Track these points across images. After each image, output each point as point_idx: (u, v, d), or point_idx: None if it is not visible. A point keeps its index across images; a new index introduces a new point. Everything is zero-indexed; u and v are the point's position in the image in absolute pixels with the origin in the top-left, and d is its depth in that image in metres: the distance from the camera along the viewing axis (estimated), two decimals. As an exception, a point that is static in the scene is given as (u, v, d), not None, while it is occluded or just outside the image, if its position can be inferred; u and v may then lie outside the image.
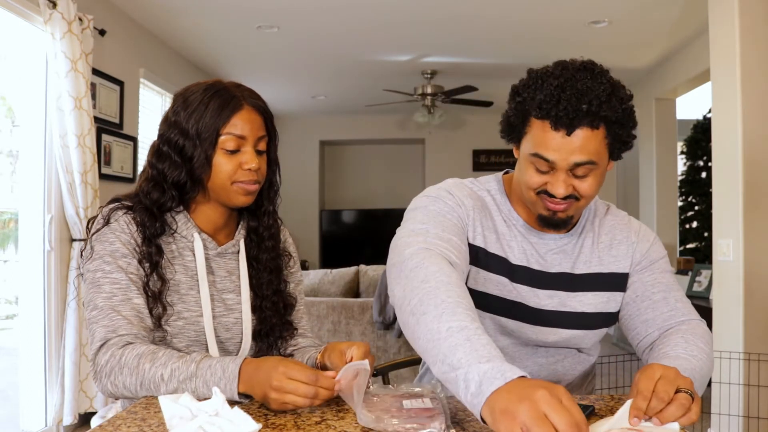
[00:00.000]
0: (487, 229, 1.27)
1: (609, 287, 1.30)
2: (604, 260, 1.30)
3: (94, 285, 1.15)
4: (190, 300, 1.21)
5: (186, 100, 1.22)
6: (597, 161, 1.15)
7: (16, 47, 3.36)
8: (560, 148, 1.14)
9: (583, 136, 1.13)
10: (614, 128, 1.16)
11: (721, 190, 3.19)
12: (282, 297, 1.34)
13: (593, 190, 1.19)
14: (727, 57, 3.10)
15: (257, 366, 1.01)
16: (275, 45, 4.90)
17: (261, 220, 1.32)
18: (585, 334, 1.30)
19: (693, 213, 6.66)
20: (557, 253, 1.29)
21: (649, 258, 1.32)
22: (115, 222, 1.19)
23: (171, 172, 1.21)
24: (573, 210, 1.21)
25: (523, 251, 1.28)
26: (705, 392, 1.25)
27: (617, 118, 1.15)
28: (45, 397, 3.33)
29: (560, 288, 1.28)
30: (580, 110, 1.11)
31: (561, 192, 1.16)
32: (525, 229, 1.29)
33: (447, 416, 0.94)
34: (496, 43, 4.78)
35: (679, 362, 1.09)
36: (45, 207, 3.34)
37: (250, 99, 1.22)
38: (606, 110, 1.13)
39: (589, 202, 1.24)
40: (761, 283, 2.99)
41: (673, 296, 1.28)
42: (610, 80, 1.18)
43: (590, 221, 1.34)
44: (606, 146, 1.17)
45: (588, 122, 1.12)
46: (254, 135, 1.21)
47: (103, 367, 1.09)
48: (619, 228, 1.34)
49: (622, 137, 1.18)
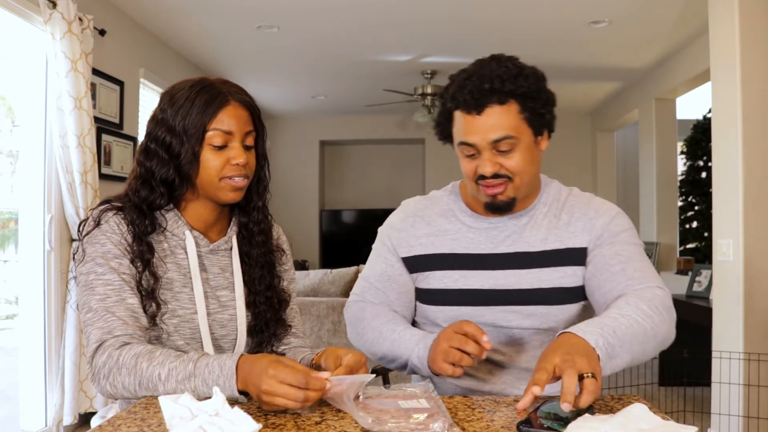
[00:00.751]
0: (425, 234, 1.40)
1: (565, 262, 1.34)
2: (561, 237, 1.35)
3: (87, 287, 1.15)
4: (183, 298, 1.21)
5: (172, 97, 1.22)
6: (515, 135, 1.24)
7: (16, 47, 3.36)
8: (477, 129, 1.25)
9: (493, 113, 1.24)
10: (526, 102, 1.25)
11: (721, 190, 3.19)
12: (276, 292, 1.34)
13: (521, 166, 1.27)
14: (727, 57, 3.10)
15: (251, 365, 1.01)
16: (275, 45, 4.90)
17: (251, 216, 1.32)
18: (548, 310, 1.33)
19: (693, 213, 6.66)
20: (509, 235, 1.36)
21: (610, 231, 1.34)
22: (105, 223, 1.19)
23: (159, 169, 1.21)
24: (512, 191, 1.29)
25: (470, 239, 1.37)
26: (705, 392, 1.24)
27: (525, 93, 1.24)
28: (45, 397, 3.33)
29: (516, 267, 1.34)
30: (484, 90, 1.22)
31: (488, 170, 1.26)
32: (474, 219, 1.39)
33: (447, 416, 0.94)
34: (496, 43, 4.78)
35: (602, 320, 1.10)
36: (45, 207, 3.34)
37: (236, 95, 1.22)
38: (510, 86, 1.23)
39: (527, 180, 1.30)
40: (761, 283, 2.99)
41: (632, 266, 1.28)
42: (517, 64, 1.28)
43: (545, 204, 1.39)
44: (524, 120, 1.26)
45: (496, 99, 1.23)
46: (241, 130, 1.21)
47: (101, 369, 1.09)
48: (579, 206, 1.39)
49: (536, 110, 1.26)
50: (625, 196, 7.72)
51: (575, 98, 6.76)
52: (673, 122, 5.58)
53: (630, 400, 1.07)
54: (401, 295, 1.41)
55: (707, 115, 6.51)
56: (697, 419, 3.57)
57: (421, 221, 1.42)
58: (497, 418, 0.98)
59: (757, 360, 2.92)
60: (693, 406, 3.78)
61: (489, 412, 1.01)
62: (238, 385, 1.02)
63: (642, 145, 5.87)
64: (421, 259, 1.39)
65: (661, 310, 1.20)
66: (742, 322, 2.98)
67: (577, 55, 5.16)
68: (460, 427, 0.93)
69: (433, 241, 1.39)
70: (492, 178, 1.27)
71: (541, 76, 1.29)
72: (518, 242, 1.35)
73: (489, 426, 0.94)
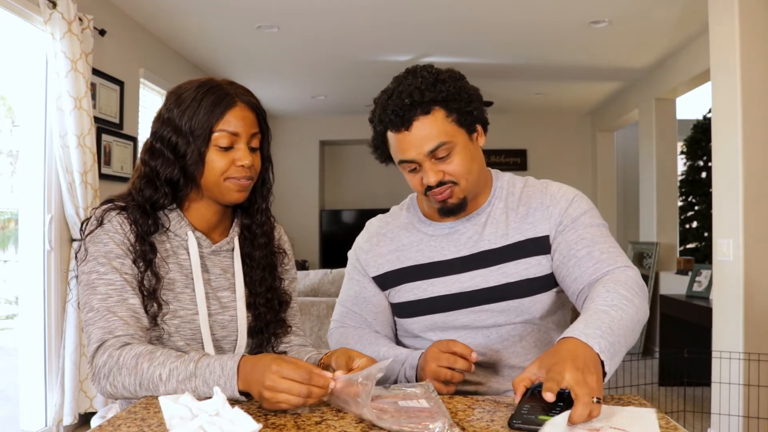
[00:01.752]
0: (390, 251, 1.42)
1: (528, 253, 1.34)
2: (521, 229, 1.36)
3: (89, 287, 1.15)
4: (185, 298, 1.21)
5: (179, 97, 1.21)
6: (448, 140, 1.26)
7: (16, 47, 3.36)
8: (411, 145, 1.26)
9: (422, 125, 1.25)
10: (450, 105, 1.27)
11: (721, 190, 3.19)
12: (276, 294, 1.34)
13: (463, 168, 1.29)
14: (727, 57, 3.10)
15: (253, 364, 1.01)
16: (275, 45, 4.90)
17: (254, 218, 1.32)
18: (519, 303, 1.34)
19: (693, 213, 6.66)
20: (470, 236, 1.37)
21: (569, 216, 1.34)
22: (108, 223, 1.19)
23: (164, 169, 1.20)
24: (460, 192, 1.31)
25: (433, 248, 1.38)
26: (705, 392, 1.25)
27: (446, 96, 1.26)
28: (45, 397, 3.33)
29: (481, 267, 1.35)
30: (405, 105, 1.24)
31: (433, 179, 1.27)
32: (433, 227, 1.40)
33: (447, 416, 0.94)
34: (496, 43, 4.78)
35: (598, 316, 1.10)
36: (45, 207, 3.34)
37: (243, 96, 1.22)
38: (430, 94, 1.25)
39: (473, 180, 1.32)
40: (761, 283, 2.99)
41: (598, 248, 1.28)
42: (432, 71, 1.29)
43: (500, 198, 1.40)
44: (453, 123, 1.28)
45: (420, 111, 1.25)
46: (247, 132, 1.21)
47: (101, 369, 1.09)
48: (534, 196, 1.38)
49: (462, 109, 1.28)
50: (625, 196, 7.72)
51: (575, 98, 6.76)
52: (673, 122, 5.58)
53: (630, 400, 1.07)
54: (378, 315, 1.45)
55: (707, 115, 6.51)
56: (697, 419, 3.57)
57: (384, 239, 1.45)
58: (497, 418, 0.98)
59: (757, 360, 2.92)
60: (693, 406, 3.78)
61: (489, 412, 1.01)
62: (240, 385, 1.01)
63: (642, 145, 5.87)
64: (389, 276, 1.42)
65: (637, 291, 1.20)
66: (742, 322, 2.98)
67: (577, 55, 5.16)
68: (460, 427, 0.93)
69: (398, 256, 1.41)
70: (438, 186, 1.29)
71: (458, 76, 1.31)
72: (480, 242, 1.36)
73: (489, 426, 0.94)
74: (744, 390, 2.95)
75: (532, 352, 1.37)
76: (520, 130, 7.60)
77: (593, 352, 1.02)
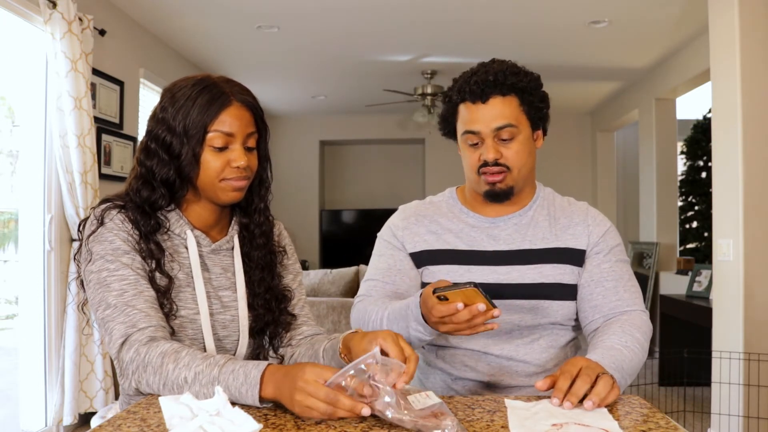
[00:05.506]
0: (429, 231, 1.46)
1: (566, 260, 1.41)
2: (561, 237, 1.43)
3: (101, 285, 1.13)
4: (186, 298, 1.20)
5: (173, 95, 1.19)
6: (516, 124, 1.35)
7: (16, 47, 3.36)
8: (481, 118, 1.36)
9: (497, 103, 1.35)
10: (525, 96, 1.37)
11: (721, 190, 3.19)
12: (274, 294, 1.32)
13: (520, 157, 1.37)
14: (727, 57, 3.10)
15: (285, 374, 0.97)
16: (275, 45, 4.90)
17: (252, 218, 1.31)
18: (549, 305, 1.39)
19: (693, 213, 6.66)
20: (510, 233, 1.43)
21: (606, 243, 1.42)
22: (110, 221, 1.17)
23: (159, 169, 1.18)
24: (510, 180, 1.38)
25: (473, 238, 1.43)
26: (705, 392, 1.29)
27: (524, 87, 1.36)
28: (45, 397, 3.33)
29: (518, 263, 1.40)
30: (488, 81, 1.35)
31: (491, 156, 1.35)
32: (475, 219, 1.46)
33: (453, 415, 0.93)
34: (496, 43, 4.78)
35: (612, 353, 1.22)
36: (45, 207, 3.34)
37: (239, 95, 1.19)
38: (512, 79, 1.35)
39: (524, 173, 1.40)
40: (761, 283, 2.99)
41: (623, 286, 1.39)
42: (514, 64, 1.41)
43: (543, 206, 1.47)
44: (523, 113, 1.37)
45: (498, 91, 1.35)
46: (243, 132, 1.19)
47: (129, 365, 1.07)
48: (577, 213, 1.47)
49: (534, 104, 1.38)
50: (625, 196, 7.72)
51: (575, 98, 6.76)
52: (673, 122, 5.57)
53: (630, 400, 1.07)
54: (411, 288, 1.44)
55: (707, 115, 6.51)
56: (697, 419, 3.57)
57: (423, 219, 1.48)
58: (497, 418, 0.98)
59: (757, 360, 2.92)
60: (693, 406, 3.78)
61: (489, 412, 1.01)
62: (267, 393, 0.99)
63: (642, 145, 5.87)
64: (426, 254, 1.44)
65: (648, 337, 1.33)
66: (742, 322, 2.98)
67: (577, 55, 5.16)
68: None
69: (437, 238, 1.45)
70: (493, 166, 1.35)
71: (538, 77, 1.40)
72: (519, 240, 1.42)
73: (489, 426, 0.94)
74: (744, 390, 2.95)
75: (545, 353, 1.41)
76: (520, 130, 7.59)
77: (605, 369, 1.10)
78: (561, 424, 0.91)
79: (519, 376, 1.40)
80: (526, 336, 1.41)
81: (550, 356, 1.41)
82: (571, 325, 1.45)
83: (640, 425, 0.94)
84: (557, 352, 1.43)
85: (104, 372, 3.42)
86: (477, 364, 1.41)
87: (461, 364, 1.42)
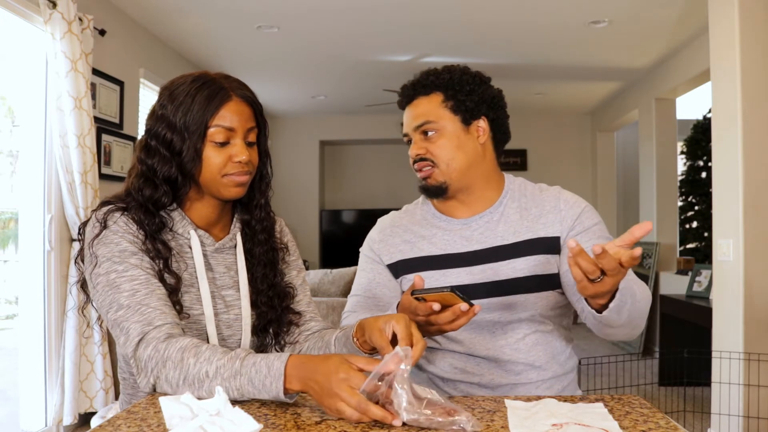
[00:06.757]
0: (404, 241, 1.48)
1: (540, 250, 1.40)
2: (532, 228, 1.42)
3: (111, 287, 1.12)
4: (190, 298, 1.19)
5: (172, 93, 1.19)
6: (435, 120, 1.40)
7: (16, 47, 3.36)
8: (407, 119, 1.45)
9: (419, 103, 1.43)
10: (449, 92, 1.40)
11: (721, 190, 3.19)
12: (277, 291, 1.31)
13: (445, 151, 1.39)
14: (727, 57, 3.10)
15: (316, 366, 0.97)
16: (275, 45, 4.90)
17: (253, 214, 1.30)
18: (526, 298, 1.39)
19: (693, 213, 6.66)
20: (482, 232, 1.43)
21: (582, 224, 1.41)
22: (113, 224, 1.16)
23: (161, 167, 1.18)
24: (440, 176, 1.41)
25: (446, 241, 1.45)
26: (705, 392, 1.27)
27: (445, 83, 1.40)
28: (45, 397, 3.33)
29: (491, 261, 1.40)
30: (413, 85, 1.44)
31: (414, 152, 1.42)
32: (447, 222, 1.47)
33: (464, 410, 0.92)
34: (496, 43, 4.78)
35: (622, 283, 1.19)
36: (45, 207, 3.34)
37: (238, 90, 1.20)
38: (432, 78, 1.41)
39: (456, 167, 1.40)
40: (761, 283, 2.99)
41: None
42: (450, 66, 1.45)
43: (513, 199, 1.47)
44: (448, 109, 1.40)
45: (421, 91, 1.42)
46: (243, 126, 1.19)
47: (147, 362, 1.06)
48: (548, 200, 1.45)
49: (458, 96, 1.40)
50: (625, 196, 7.72)
51: (575, 98, 6.76)
52: (673, 122, 5.58)
53: (630, 400, 1.07)
54: (393, 299, 1.45)
55: (707, 115, 6.51)
56: (697, 419, 3.57)
57: (397, 230, 1.51)
58: (497, 418, 0.98)
59: (757, 360, 2.92)
60: (693, 406, 3.78)
61: (489, 412, 1.01)
62: (290, 385, 0.98)
63: (642, 145, 5.87)
64: (402, 264, 1.47)
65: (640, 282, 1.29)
66: (742, 322, 2.98)
67: (577, 55, 5.16)
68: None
69: (411, 246, 1.47)
70: (420, 161, 1.41)
71: (464, 70, 1.43)
72: (491, 238, 1.42)
73: (489, 426, 0.94)
74: (744, 390, 2.95)
75: (533, 350, 1.40)
76: (520, 130, 7.56)
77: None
78: (561, 424, 0.91)
79: (510, 375, 1.39)
80: (509, 333, 1.40)
81: (537, 352, 1.40)
82: (555, 315, 1.43)
83: (640, 425, 0.94)
84: (545, 347, 1.41)
85: (104, 372, 3.42)
86: (466, 365, 1.41)
87: (450, 366, 1.42)
